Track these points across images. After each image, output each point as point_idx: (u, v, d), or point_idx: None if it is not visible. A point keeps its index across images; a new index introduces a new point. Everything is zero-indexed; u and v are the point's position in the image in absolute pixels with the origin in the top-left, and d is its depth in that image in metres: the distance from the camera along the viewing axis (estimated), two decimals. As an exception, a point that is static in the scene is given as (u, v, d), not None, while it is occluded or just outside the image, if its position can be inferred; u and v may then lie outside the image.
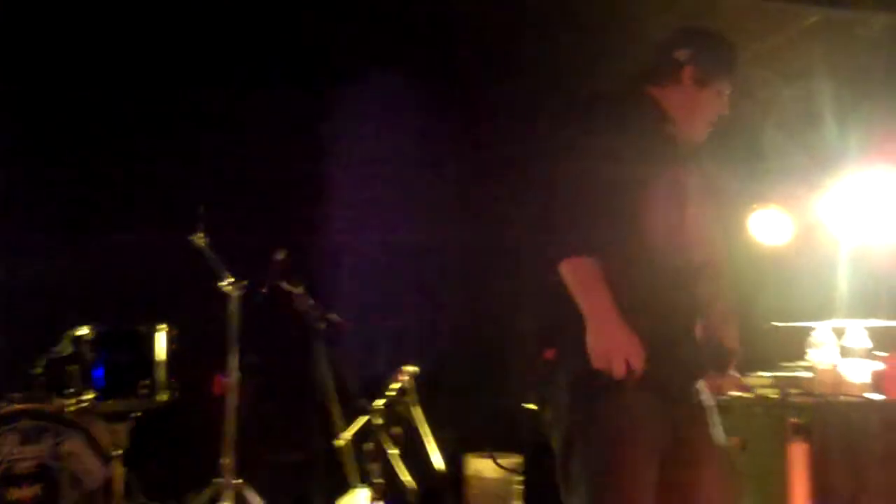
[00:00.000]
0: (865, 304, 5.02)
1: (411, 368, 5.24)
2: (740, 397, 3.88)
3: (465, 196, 6.31)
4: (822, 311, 4.62)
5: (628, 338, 2.56)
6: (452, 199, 6.31)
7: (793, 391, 3.85)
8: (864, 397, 3.80)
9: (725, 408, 3.85)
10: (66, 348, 5.12)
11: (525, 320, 5.18)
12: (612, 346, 2.55)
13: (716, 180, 3.08)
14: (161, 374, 5.22)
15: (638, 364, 2.53)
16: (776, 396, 3.85)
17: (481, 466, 5.67)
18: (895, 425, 3.76)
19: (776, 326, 4.72)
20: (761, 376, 4.03)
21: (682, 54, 2.89)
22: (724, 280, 2.95)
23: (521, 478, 5.44)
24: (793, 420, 3.66)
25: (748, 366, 4.46)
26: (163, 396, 5.21)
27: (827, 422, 3.67)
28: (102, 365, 5.13)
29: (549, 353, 2.77)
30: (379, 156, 6.17)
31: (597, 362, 2.55)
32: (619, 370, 2.53)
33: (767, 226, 5.69)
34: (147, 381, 5.17)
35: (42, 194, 5.73)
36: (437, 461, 5.19)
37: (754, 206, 5.70)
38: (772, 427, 3.69)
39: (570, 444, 2.66)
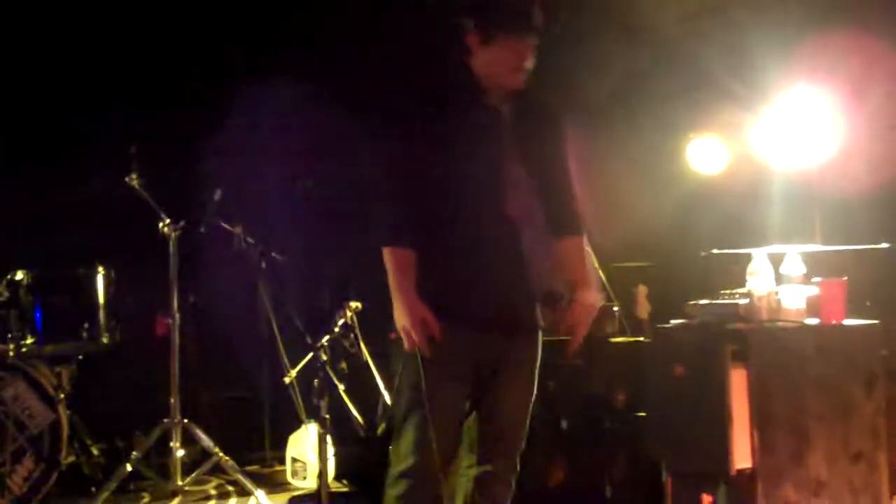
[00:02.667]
0: (800, 230, 5.14)
1: (355, 304, 5.27)
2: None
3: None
4: (759, 238, 4.72)
5: (418, 315, 3.11)
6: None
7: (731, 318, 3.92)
8: (800, 323, 3.89)
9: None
10: (2, 293, 5.05)
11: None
12: (405, 322, 3.12)
13: (545, 124, 3.35)
14: (102, 317, 5.18)
15: (424, 334, 3.10)
16: (716, 324, 3.91)
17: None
18: (830, 350, 3.86)
19: (714, 254, 4.81)
20: (701, 304, 4.09)
21: (463, 24, 3.23)
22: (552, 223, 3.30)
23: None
24: (731, 347, 3.74)
25: (687, 294, 4.55)
26: (104, 339, 5.18)
27: (765, 347, 3.75)
28: (41, 309, 5.09)
29: None
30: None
31: (400, 332, 3.17)
32: (408, 342, 3.13)
33: (703, 154, 5.76)
34: (88, 324, 5.14)
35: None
36: (385, 396, 5.24)
37: (690, 135, 5.76)
38: (711, 354, 3.76)
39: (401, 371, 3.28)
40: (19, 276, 5.06)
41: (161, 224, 5.17)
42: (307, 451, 5.19)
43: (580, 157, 5.98)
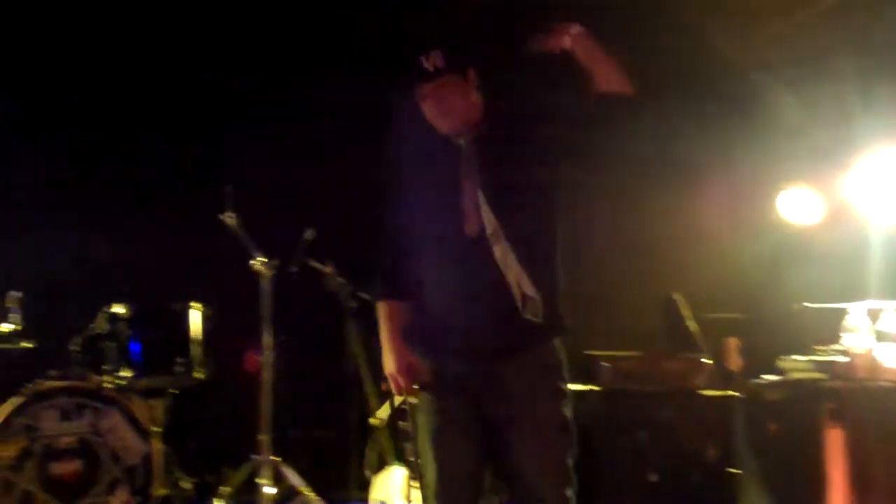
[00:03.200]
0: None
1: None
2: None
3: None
4: (855, 293, 4.64)
5: (402, 361, 3.28)
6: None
7: (827, 376, 3.87)
8: (899, 382, 3.83)
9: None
10: (102, 326, 5.18)
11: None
12: (391, 368, 3.31)
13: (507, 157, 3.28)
14: (196, 352, 5.27)
15: (410, 381, 3.26)
16: (811, 381, 3.87)
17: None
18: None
19: (808, 308, 4.74)
20: (796, 360, 4.05)
21: None
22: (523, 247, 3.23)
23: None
24: (828, 405, 3.69)
25: (779, 348, 4.50)
26: (199, 374, 5.27)
27: (863, 407, 3.70)
28: (139, 342, 5.19)
29: None
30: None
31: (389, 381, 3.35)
32: (396, 388, 3.31)
33: (796, 205, 5.70)
34: (183, 359, 5.23)
35: (79, 174, 5.78)
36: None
37: (782, 185, 5.71)
38: (807, 412, 3.72)
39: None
40: (119, 309, 5.17)
41: (254, 262, 5.25)
42: (392, 494, 5.20)
43: (671, 208, 6.01)
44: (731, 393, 4.71)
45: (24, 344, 5.15)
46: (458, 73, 3.25)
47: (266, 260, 5.24)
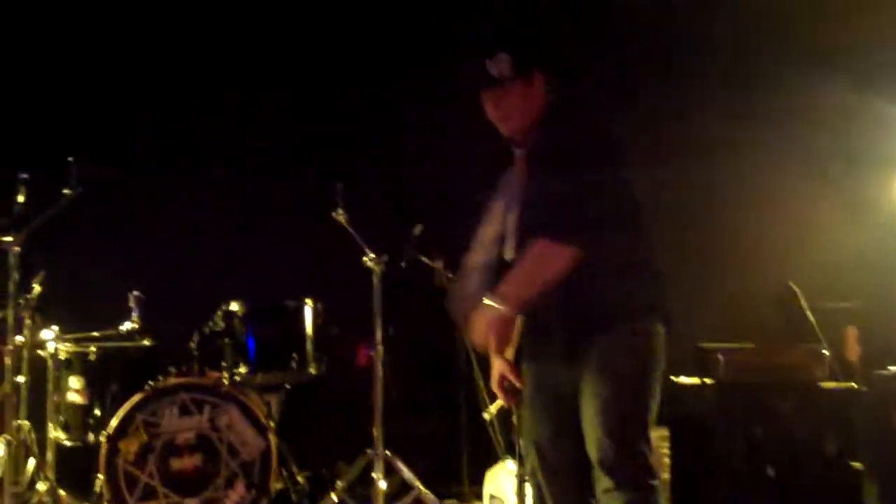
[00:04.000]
0: None
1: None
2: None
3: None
4: None
5: (497, 372, 3.37)
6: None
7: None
8: None
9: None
10: (219, 323, 5.29)
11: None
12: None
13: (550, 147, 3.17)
14: (310, 348, 5.35)
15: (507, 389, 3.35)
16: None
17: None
18: None
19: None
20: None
21: None
22: None
23: (666, 451, 5.43)
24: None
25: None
26: (312, 369, 5.34)
27: None
28: (254, 339, 5.29)
29: None
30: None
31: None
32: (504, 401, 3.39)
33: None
34: (297, 355, 5.32)
35: (194, 175, 5.93)
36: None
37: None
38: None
39: None
40: (234, 307, 5.27)
41: (365, 258, 5.31)
42: (505, 487, 5.21)
43: (784, 194, 5.89)
44: (851, 385, 4.59)
45: (145, 342, 5.30)
46: (523, 78, 3.17)
47: (376, 256, 5.30)
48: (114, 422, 4.91)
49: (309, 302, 5.38)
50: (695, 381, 4.84)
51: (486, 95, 3.22)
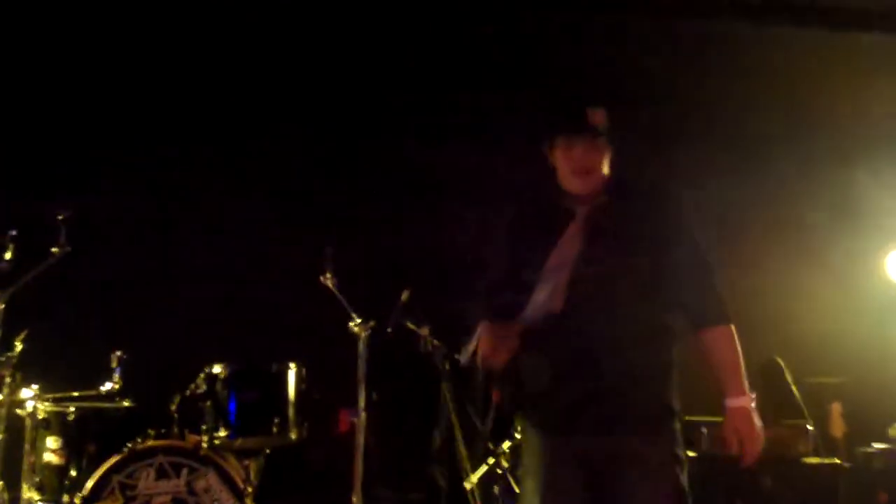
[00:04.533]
0: None
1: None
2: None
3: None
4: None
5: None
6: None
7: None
8: None
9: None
10: (200, 386, 5.23)
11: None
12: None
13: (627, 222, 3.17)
14: (292, 413, 5.29)
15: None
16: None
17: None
18: None
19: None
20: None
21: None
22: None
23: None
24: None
25: (886, 414, 4.33)
26: (293, 434, 5.27)
27: None
28: (235, 402, 5.23)
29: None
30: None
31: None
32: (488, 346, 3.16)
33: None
34: (278, 419, 5.25)
35: (182, 244, 5.93)
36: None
37: (890, 245, 5.56)
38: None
39: None
40: (217, 369, 5.21)
41: (351, 323, 5.28)
42: (486, 557, 5.14)
43: (772, 267, 5.90)
44: (835, 461, 4.55)
45: (125, 403, 5.24)
46: (609, 138, 3.20)
47: (362, 321, 5.27)
48: (89, 483, 4.84)
49: (293, 365, 5.34)
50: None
51: (575, 140, 3.17)
